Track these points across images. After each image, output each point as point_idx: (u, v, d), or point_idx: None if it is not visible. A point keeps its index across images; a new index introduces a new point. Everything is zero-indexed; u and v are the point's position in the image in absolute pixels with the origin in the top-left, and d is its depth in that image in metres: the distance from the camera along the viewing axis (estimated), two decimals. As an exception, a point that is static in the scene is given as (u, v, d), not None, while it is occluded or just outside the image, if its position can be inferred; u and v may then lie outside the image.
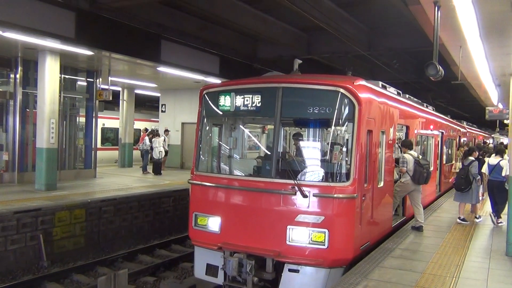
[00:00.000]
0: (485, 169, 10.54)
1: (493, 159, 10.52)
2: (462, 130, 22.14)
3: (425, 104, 14.09)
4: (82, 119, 17.93)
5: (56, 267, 10.42)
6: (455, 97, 26.17)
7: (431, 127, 13.61)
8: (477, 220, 10.74)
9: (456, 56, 11.48)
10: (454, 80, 12.57)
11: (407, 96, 11.68)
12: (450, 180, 17.27)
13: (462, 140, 21.63)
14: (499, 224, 10.08)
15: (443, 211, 12.03)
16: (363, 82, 7.59)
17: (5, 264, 9.81)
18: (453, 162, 19.19)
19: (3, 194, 12.25)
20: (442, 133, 15.62)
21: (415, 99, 12.76)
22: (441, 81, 16.14)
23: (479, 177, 10.25)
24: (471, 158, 10.64)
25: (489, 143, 33.20)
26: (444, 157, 16.45)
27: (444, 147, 16.41)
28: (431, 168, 13.65)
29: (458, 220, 10.48)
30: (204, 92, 8.21)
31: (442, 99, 26.76)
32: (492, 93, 18.81)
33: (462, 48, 10.63)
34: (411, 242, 8.28)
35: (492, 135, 42.36)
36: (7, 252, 9.87)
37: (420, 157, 9.77)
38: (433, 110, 15.22)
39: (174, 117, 22.91)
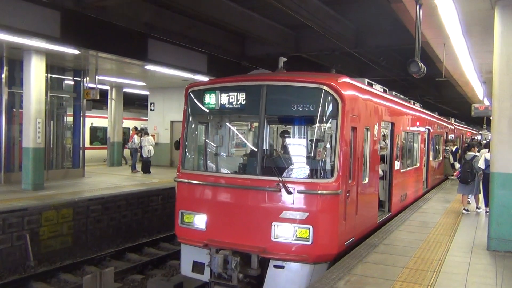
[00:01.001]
0: (481, 163, 10.78)
1: (489, 154, 10.71)
2: (449, 126, 22.36)
3: (412, 101, 14.22)
4: (70, 119, 17.87)
5: (43, 266, 10.41)
6: (443, 94, 26.41)
7: (418, 124, 13.74)
8: (468, 212, 11.27)
9: (440, 53, 11.63)
10: (439, 77, 12.68)
11: (393, 93, 11.79)
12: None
13: (449, 137, 21.83)
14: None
15: (429, 207, 12.15)
16: (346, 80, 7.65)
17: (-9, 264, 9.78)
18: (440, 158, 19.41)
19: (-11, 194, 12.19)
20: (429, 129, 15.76)
21: (402, 96, 12.88)
22: (428, 78, 16.38)
23: (481, 171, 10.83)
24: (471, 153, 11.34)
25: (479, 140, 33.56)
26: (431, 153, 16.61)
27: (431, 144, 16.57)
28: (418, 165, 13.87)
29: (463, 211, 11.19)
30: (189, 90, 8.23)
31: (430, 96, 26.97)
32: (478, 90, 19.05)
33: (446, 46, 10.78)
34: (396, 237, 8.37)
35: (480, 132, 42.80)
36: (-7, 252, 9.84)
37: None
38: (420, 107, 15.36)
39: (163, 115, 22.90)
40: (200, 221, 7.64)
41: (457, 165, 15.88)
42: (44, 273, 9.85)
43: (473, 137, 34.60)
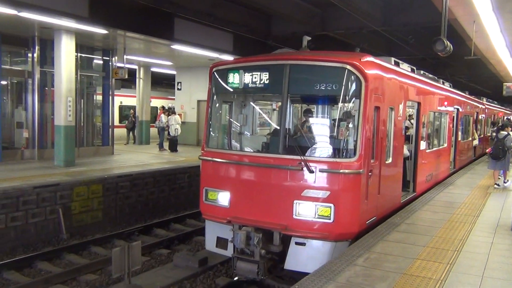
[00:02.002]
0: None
1: None
2: (480, 106, 21.80)
3: (441, 81, 13.94)
4: (99, 97, 18.27)
5: (75, 239, 10.87)
6: (474, 73, 25.68)
7: (445, 103, 13.49)
8: (499, 186, 12.03)
9: (470, 30, 11.34)
10: (468, 55, 12.38)
11: (421, 72, 11.59)
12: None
13: (480, 117, 21.34)
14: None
15: (455, 187, 12.04)
16: (370, 59, 7.59)
17: (27, 236, 10.26)
18: (470, 138, 19.03)
19: (23, 170, 12.70)
20: (458, 109, 15.45)
21: (430, 76, 12.64)
22: (458, 56, 15.97)
23: None
24: (504, 132, 12.13)
25: None
26: (460, 134, 16.31)
27: (460, 124, 16.26)
28: (445, 145, 13.68)
29: (495, 186, 11.97)
30: (214, 69, 8.33)
31: (461, 75, 26.29)
32: (511, 68, 18.47)
33: (476, 23, 10.49)
34: (418, 217, 8.37)
35: (514, 111, 41.47)
36: (28, 225, 10.31)
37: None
38: (450, 86, 15.04)
39: (190, 94, 23.12)
40: (223, 198, 7.82)
41: None
42: (76, 245, 10.30)
43: (507, 117, 33.61)
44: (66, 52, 13.66)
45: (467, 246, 6.57)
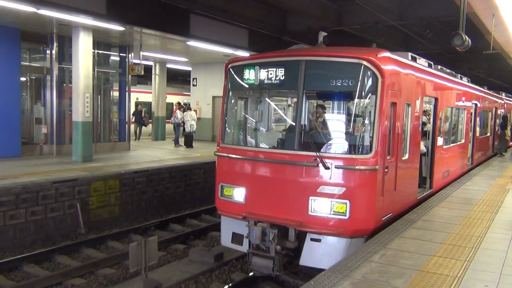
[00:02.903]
0: None
1: None
2: (499, 101, 21.46)
3: (459, 76, 13.76)
4: (116, 93, 18.45)
5: (92, 234, 11.03)
6: (494, 67, 25.28)
7: (463, 98, 13.32)
8: None
9: (489, 24, 11.17)
10: (487, 49, 12.19)
11: (439, 67, 11.46)
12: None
13: (499, 112, 21.01)
14: None
15: (473, 183, 11.89)
16: (387, 54, 7.53)
17: (46, 230, 10.45)
18: (488, 134, 18.76)
19: (42, 165, 12.92)
20: (476, 104, 15.24)
21: (448, 71, 12.50)
22: (476, 51, 15.74)
23: None
24: None
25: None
26: (478, 129, 16.09)
27: (478, 120, 16.04)
28: (463, 141, 13.52)
29: None
30: (229, 65, 8.35)
31: (480, 69, 25.90)
32: (531, 63, 18.12)
33: (495, 16, 10.33)
34: (435, 214, 8.30)
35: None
36: (47, 219, 10.49)
37: None
38: (468, 81, 14.83)
39: (205, 91, 23.21)
40: (239, 194, 7.85)
41: None
42: (94, 240, 10.46)
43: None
44: (84, 49, 13.82)
45: (485, 243, 6.50)
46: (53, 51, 15.42)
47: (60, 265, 9.20)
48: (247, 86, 8.19)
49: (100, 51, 17.20)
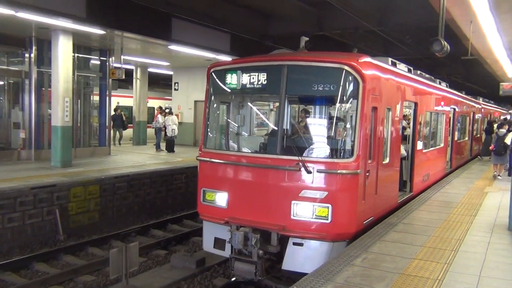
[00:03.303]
0: (508, 140, 13.52)
1: None
2: (476, 106, 21.86)
3: (438, 81, 13.98)
4: (96, 98, 18.22)
5: (72, 240, 10.84)
6: (471, 73, 25.80)
7: (442, 103, 13.52)
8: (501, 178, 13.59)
9: (467, 30, 11.38)
10: (465, 55, 12.43)
11: (418, 72, 11.62)
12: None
13: (476, 117, 21.40)
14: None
15: (452, 187, 12.07)
16: (368, 59, 7.61)
17: (24, 237, 10.24)
18: (467, 138, 19.08)
19: (20, 171, 12.67)
20: (454, 109, 15.50)
21: (427, 76, 12.68)
22: (454, 56, 16.01)
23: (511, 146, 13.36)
24: (503, 130, 13.79)
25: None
26: (456, 133, 16.36)
27: (457, 124, 16.31)
28: (442, 145, 13.72)
29: (498, 177, 13.61)
30: (211, 70, 8.33)
31: (458, 75, 26.39)
32: (507, 68, 18.56)
33: (473, 23, 10.53)
34: (415, 217, 8.39)
35: (510, 111, 41.61)
36: (25, 226, 10.28)
37: None
38: (446, 86, 15.07)
39: (187, 95, 23.11)
40: (221, 199, 7.82)
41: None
42: (73, 246, 10.28)
43: (503, 117, 33.73)
44: (63, 52, 13.63)
45: (464, 246, 6.60)
46: (32, 55, 15.17)
47: (38, 272, 9.01)
48: (229, 90, 8.17)
49: (80, 55, 16.98)
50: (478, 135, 22.33)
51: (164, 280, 8.40)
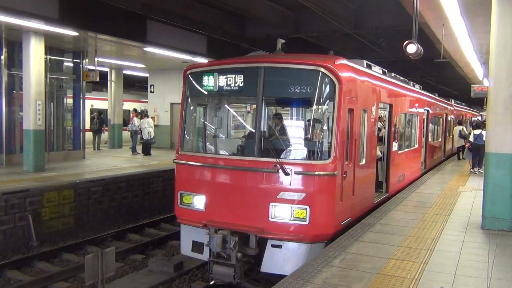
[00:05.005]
0: (471, 138, 15.48)
1: (476, 131, 15.51)
2: (449, 108, 22.35)
3: (411, 83, 14.23)
4: (70, 101, 17.88)
5: (45, 246, 10.58)
6: (444, 76, 26.34)
7: (416, 105, 13.76)
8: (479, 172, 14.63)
9: (439, 34, 11.61)
10: (438, 58, 12.68)
11: (392, 74, 11.79)
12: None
13: (449, 118, 21.86)
14: (481, 171, 14.11)
15: (427, 187, 12.27)
16: (344, 61, 7.68)
17: (-5, 244, 9.95)
18: (440, 139, 19.47)
19: (-9, 176, 12.32)
20: (428, 111, 15.79)
21: (401, 78, 12.88)
22: (428, 59, 16.32)
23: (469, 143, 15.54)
24: (478, 130, 15.25)
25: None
26: (430, 134, 16.66)
27: (430, 125, 16.62)
28: (416, 146, 13.95)
29: (472, 171, 15.43)
30: (188, 72, 8.28)
31: (431, 77, 26.91)
32: (478, 71, 19.01)
33: (445, 26, 10.75)
34: (392, 217, 8.50)
35: (481, 113, 42.69)
36: (-3, 233, 10.00)
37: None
38: (420, 88, 15.35)
39: (163, 97, 22.89)
40: (199, 202, 7.76)
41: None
42: (47, 253, 10.02)
43: (474, 118, 34.59)
44: (35, 55, 13.33)
45: (440, 245, 6.71)
46: (2, 57, 14.75)
47: (10, 280, 8.76)
48: (206, 92, 8.14)
49: (53, 57, 16.61)
50: (451, 136, 22.82)
51: (142, 285, 8.29)
